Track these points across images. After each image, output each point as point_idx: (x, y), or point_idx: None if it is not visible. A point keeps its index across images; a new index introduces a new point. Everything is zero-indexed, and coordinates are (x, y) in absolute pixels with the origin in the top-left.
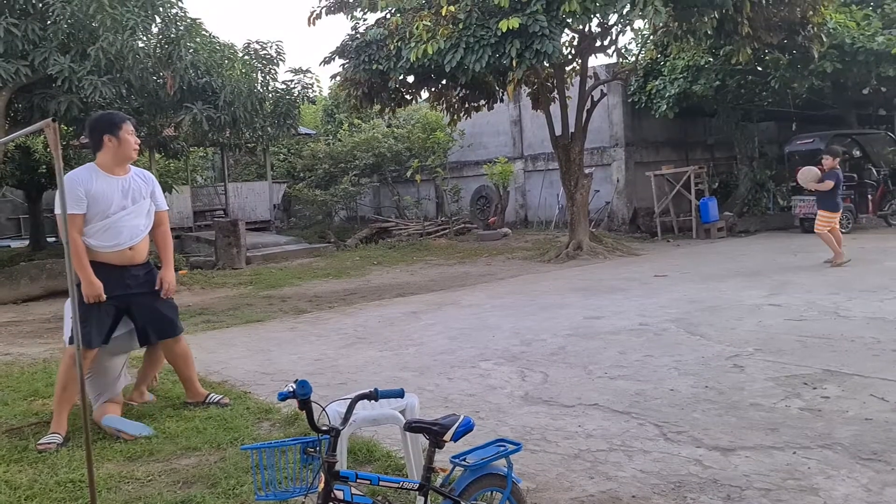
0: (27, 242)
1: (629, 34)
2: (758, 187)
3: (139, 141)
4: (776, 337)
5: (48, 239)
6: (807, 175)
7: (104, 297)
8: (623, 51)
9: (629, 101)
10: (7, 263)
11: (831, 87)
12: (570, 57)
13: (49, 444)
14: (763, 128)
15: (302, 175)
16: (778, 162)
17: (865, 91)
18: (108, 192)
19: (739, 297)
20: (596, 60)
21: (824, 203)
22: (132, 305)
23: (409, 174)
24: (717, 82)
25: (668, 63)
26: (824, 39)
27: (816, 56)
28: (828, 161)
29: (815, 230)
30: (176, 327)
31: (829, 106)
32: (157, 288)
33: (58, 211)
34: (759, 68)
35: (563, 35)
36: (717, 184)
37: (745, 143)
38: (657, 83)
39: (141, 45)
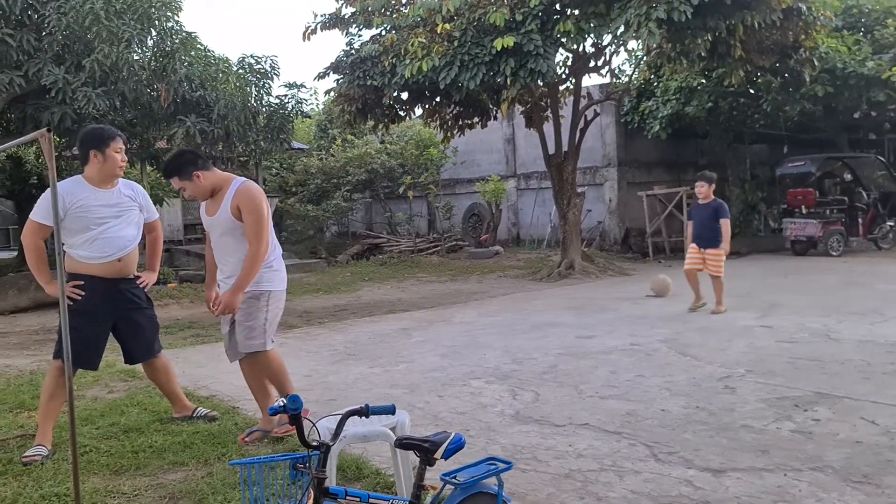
0: (16, 253)
1: (623, 55)
2: (749, 209)
3: (126, 159)
4: (767, 359)
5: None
6: (660, 287)
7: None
8: (617, 71)
9: (622, 121)
10: None
11: (822, 110)
12: (563, 76)
13: (34, 456)
14: (755, 150)
15: (294, 190)
16: (769, 184)
17: (856, 115)
18: (95, 204)
19: (730, 319)
20: (590, 80)
21: (713, 239)
22: (119, 322)
23: (401, 190)
24: (710, 104)
25: (661, 84)
26: (816, 63)
27: (808, 80)
28: (702, 188)
29: (714, 274)
30: (153, 350)
31: (820, 129)
32: (141, 284)
33: (33, 216)
34: (752, 91)
35: (558, 55)
36: None
37: (737, 165)
38: (650, 104)
39: (136, 57)
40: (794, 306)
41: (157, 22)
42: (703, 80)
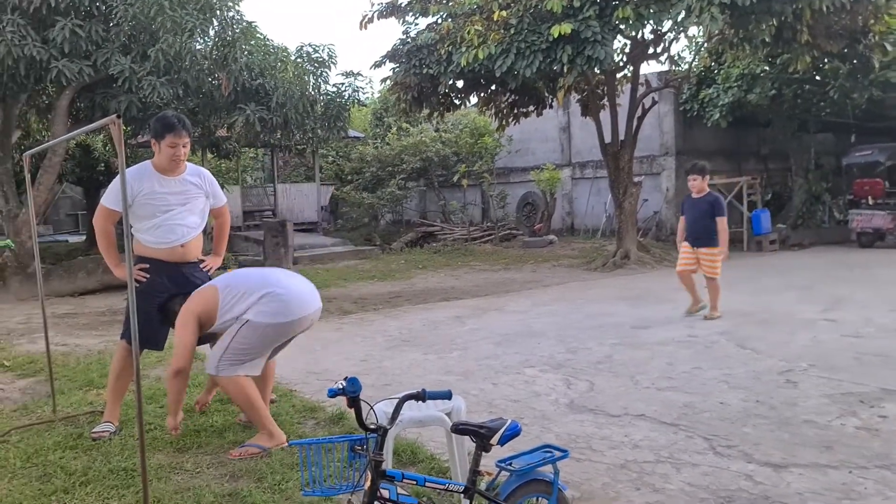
0: (84, 237)
1: (683, 41)
2: (813, 199)
3: (180, 155)
4: (831, 353)
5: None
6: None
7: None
8: (676, 58)
9: (681, 109)
10: (65, 257)
11: (893, 97)
12: (621, 64)
13: (102, 432)
14: (820, 139)
15: (349, 178)
16: (835, 174)
17: None
18: (161, 191)
19: (792, 312)
20: (648, 67)
21: (708, 237)
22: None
23: (455, 179)
24: (773, 91)
25: (722, 71)
26: (887, 48)
27: (878, 65)
28: (696, 181)
29: (708, 275)
30: None
31: (890, 117)
32: (205, 268)
33: (104, 202)
34: (818, 77)
35: (616, 41)
36: (770, 195)
37: (801, 155)
38: (710, 91)
39: (198, 46)
40: (859, 300)
41: (218, 12)
42: (767, 67)
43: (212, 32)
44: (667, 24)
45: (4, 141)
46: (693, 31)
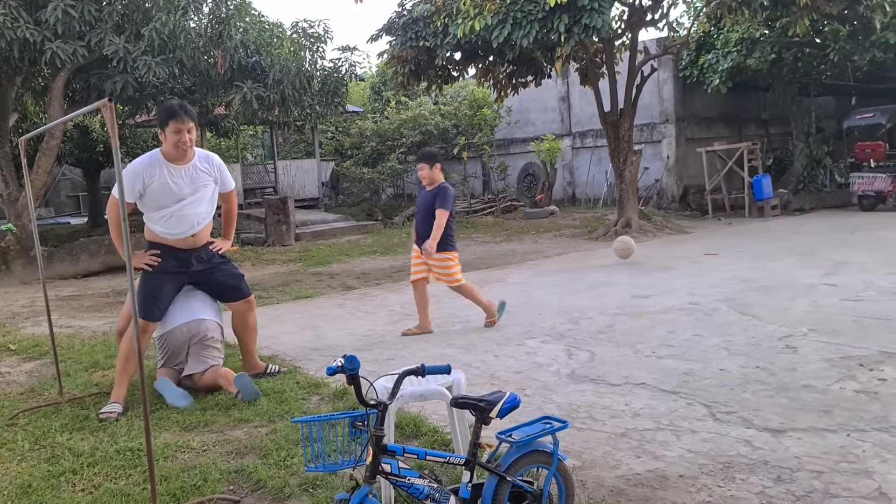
0: (86, 219)
1: (681, 7)
2: (814, 164)
3: (186, 140)
4: (831, 317)
5: (106, 216)
6: (623, 249)
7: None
8: (674, 24)
9: (680, 75)
10: (67, 240)
11: (895, 58)
12: (619, 31)
13: (110, 413)
14: (820, 102)
15: (350, 153)
16: (836, 137)
17: None
18: (172, 181)
19: (793, 277)
20: (646, 34)
21: (441, 239)
22: (196, 281)
23: (455, 151)
24: (773, 55)
25: (721, 36)
26: (887, 9)
27: (879, 27)
28: (424, 171)
29: (449, 284)
30: (240, 291)
31: (891, 79)
32: (214, 249)
33: (115, 193)
34: (818, 40)
35: (613, 9)
36: (771, 160)
37: (802, 119)
38: (710, 57)
39: (192, 24)
40: (860, 264)
41: None
42: (766, 31)
43: (205, 10)
44: None
45: (1, 124)
46: None
